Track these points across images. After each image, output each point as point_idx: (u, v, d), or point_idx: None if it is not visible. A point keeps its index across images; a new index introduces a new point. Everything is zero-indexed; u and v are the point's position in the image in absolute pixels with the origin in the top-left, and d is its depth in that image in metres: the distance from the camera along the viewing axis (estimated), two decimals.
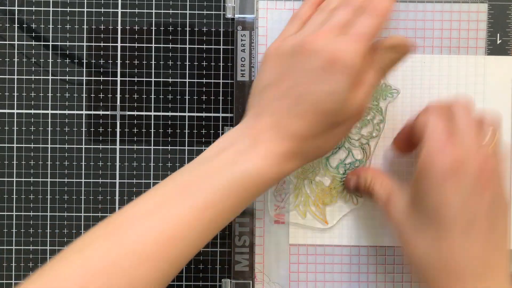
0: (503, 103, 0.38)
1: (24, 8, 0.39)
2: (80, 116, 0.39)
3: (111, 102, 0.39)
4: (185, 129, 0.39)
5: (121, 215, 0.28)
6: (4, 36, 0.39)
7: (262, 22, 0.38)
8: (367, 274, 0.38)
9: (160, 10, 0.39)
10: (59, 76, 0.39)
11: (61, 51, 0.39)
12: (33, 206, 0.39)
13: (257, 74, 0.34)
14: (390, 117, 0.38)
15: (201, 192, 0.29)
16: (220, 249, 0.39)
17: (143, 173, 0.39)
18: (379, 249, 0.38)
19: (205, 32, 0.39)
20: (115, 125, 0.39)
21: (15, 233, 0.39)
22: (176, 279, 0.39)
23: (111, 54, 0.39)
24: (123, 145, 0.39)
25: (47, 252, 0.39)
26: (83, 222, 0.39)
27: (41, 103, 0.39)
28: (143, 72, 0.39)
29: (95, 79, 0.39)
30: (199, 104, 0.39)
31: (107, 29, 0.39)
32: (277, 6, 0.38)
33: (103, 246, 0.27)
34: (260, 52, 0.38)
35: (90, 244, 0.27)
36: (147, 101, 0.39)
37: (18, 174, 0.39)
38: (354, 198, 0.38)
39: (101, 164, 0.39)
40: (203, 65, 0.39)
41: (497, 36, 0.38)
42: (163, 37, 0.39)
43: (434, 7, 0.38)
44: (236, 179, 0.29)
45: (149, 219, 0.28)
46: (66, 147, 0.39)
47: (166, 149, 0.39)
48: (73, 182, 0.39)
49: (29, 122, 0.39)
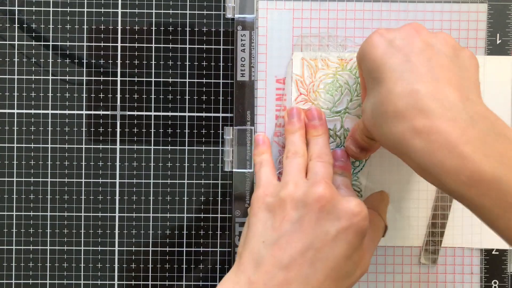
0: (502, 103, 0.38)
1: (24, 8, 0.39)
2: (80, 116, 0.39)
3: (111, 102, 0.39)
4: (185, 129, 0.39)
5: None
6: (4, 36, 0.39)
7: (262, 22, 0.38)
8: (367, 274, 0.38)
9: (160, 10, 0.39)
10: (59, 76, 0.39)
11: (61, 51, 0.39)
12: (33, 206, 0.39)
13: (248, 225, 0.33)
14: None
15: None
16: (220, 249, 0.39)
17: (143, 173, 0.39)
18: (379, 249, 0.38)
19: (205, 32, 0.39)
20: (115, 125, 0.39)
21: (15, 233, 0.39)
22: (176, 279, 0.39)
23: (111, 54, 0.39)
24: (123, 145, 0.39)
25: (47, 252, 0.39)
26: (83, 222, 0.39)
27: (41, 103, 0.39)
28: (143, 72, 0.39)
29: (95, 79, 0.39)
30: (199, 104, 0.39)
31: (107, 29, 0.39)
32: (277, 6, 0.38)
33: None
34: (260, 52, 0.38)
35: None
36: (147, 101, 0.39)
37: (18, 174, 0.39)
38: None
39: (101, 164, 0.39)
40: (203, 65, 0.39)
41: (497, 36, 0.38)
42: (163, 37, 0.39)
43: (434, 7, 0.38)
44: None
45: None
46: (66, 147, 0.39)
47: (166, 149, 0.39)
48: (73, 182, 0.39)
49: (29, 122, 0.39)
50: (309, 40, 0.38)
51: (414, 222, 0.38)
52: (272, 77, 0.38)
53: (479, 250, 0.39)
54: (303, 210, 0.30)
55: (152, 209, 0.39)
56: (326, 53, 0.38)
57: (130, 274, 0.39)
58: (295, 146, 0.35)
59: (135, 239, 0.39)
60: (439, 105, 0.26)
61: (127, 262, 0.39)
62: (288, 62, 0.38)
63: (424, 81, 0.27)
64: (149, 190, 0.39)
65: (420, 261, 0.38)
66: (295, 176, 0.33)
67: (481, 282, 0.38)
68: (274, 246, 0.30)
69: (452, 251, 0.39)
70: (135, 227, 0.39)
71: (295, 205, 0.31)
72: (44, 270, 0.39)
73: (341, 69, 0.38)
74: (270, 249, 0.30)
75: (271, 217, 0.31)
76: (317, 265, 0.29)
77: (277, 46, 0.38)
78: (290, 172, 0.33)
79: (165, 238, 0.39)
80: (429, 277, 0.38)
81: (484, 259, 0.38)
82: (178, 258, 0.39)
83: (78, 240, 0.39)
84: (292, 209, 0.30)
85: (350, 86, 0.37)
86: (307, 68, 0.38)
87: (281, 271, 0.29)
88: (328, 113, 0.37)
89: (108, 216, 0.39)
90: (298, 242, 0.29)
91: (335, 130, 0.37)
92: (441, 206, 0.38)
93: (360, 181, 0.38)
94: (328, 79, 0.38)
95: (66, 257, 0.39)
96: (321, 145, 0.35)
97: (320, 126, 0.36)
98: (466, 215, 0.38)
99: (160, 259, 0.39)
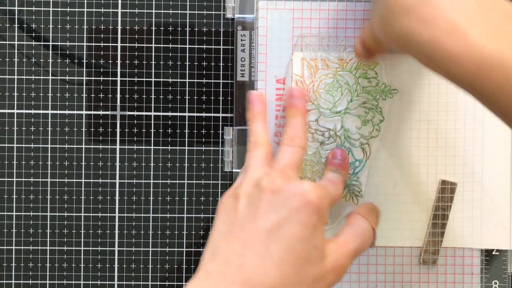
0: None
1: (24, 8, 0.39)
2: (80, 116, 0.39)
3: (111, 102, 0.39)
4: (185, 129, 0.39)
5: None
6: (4, 36, 0.39)
7: (262, 22, 0.38)
8: (367, 274, 0.38)
9: (160, 10, 0.39)
10: (59, 76, 0.39)
11: (61, 51, 0.39)
12: (33, 206, 0.39)
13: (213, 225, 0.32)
14: (390, 117, 0.38)
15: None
16: None
17: (143, 173, 0.39)
18: (379, 249, 0.38)
19: (205, 32, 0.39)
20: (115, 125, 0.39)
21: (15, 233, 0.39)
22: (176, 279, 0.39)
23: (111, 54, 0.39)
24: (123, 145, 0.39)
25: (47, 252, 0.39)
26: (83, 222, 0.39)
27: (41, 103, 0.39)
28: (143, 72, 0.39)
29: (95, 79, 0.39)
30: (199, 104, 0.39)
31: (107, 29, 0.39)
32: (277, 6, 0.38)
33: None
34: (260, 52, 0.38)
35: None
36: (147, 101, 0.39)
37: (18, 174, 0.39)
38: (354, 198, 0.38)
39: (101, 164, 0.39)
40: (203, 65, 0.39)
41: None
42: (163, 37, 0.39)
43: None
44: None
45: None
46: (66, 147, 0.39)
47: (166, 149, 0.39)
48: (73, 182, 0.39)
49: (29, 122, 0.39)
50: (309, 40, 0.38)
51: (414, 222, 0.38)
52: (272, 77, 0.38)
53: (480, 250, 0.38)
54: (255, 198, 0.30)
55: (152, 209, 0.39)
56: (326, 53, 0.38)
57: (130, 274, 0.39)
58: (255, 136, 0.35)
59: (135, 239, 0.39)
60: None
61: (127, 262, 0.39)
62: (288, 62, 0.38)
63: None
64: (149, 190, 0.39)
65: (420, 262, 0.38)
66: (253, 170, 0.33)
67: (481, 283, 0.38)
68: (228, 235, 0.30)
69: (452, 251, 0.38)
70: (135, 227, 0.39)
71: (248, 197, 0.31)
72: (44, 270, 0.39)
73: (341, 69, 0.38)
74: (225, 239, 0.30)
75: (227, 212, 0.31)
76: (272, 247, 0.28)
77: (277, 46, 0.38)
78: (249, 166, 0.33)
79: (165, 238, 0.39)
80: (429, 277, 0.38)
81: (485, 259, 0.38)
82: (178, 258, 0.39)
83: (78, 240, 0.39)
84: (245, 201, 0.30)
85: (350, 86, 0.37)
86: (307, 68, 0.38)
87: (236, 256, 0.28)
88: (328, 113, 0.37)
89: (108, 216, 0.39)
90: (251, 228, 0.29)
91: (335, 130, 0.37)
92: (441, 207, 0.38)
93: (360, 181, 0.38)
94: (328, 79, 0.37)
95: (66, 257, 0.39)
96: (296, 126, 0.35)
97: (299, 106, 0.36)
98: (466, 216, 0.38)
99: (160, 259, 0.39)
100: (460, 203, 0.38)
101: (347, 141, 0.38)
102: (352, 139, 0.38)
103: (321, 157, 0.37)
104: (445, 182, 0.38)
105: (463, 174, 0.38)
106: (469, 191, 0.38)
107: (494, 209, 0.38)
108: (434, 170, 0.38)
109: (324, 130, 0.37)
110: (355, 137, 0.38)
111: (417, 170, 0.38)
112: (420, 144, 0.38)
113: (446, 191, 0.38)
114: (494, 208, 0.38)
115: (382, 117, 0.38)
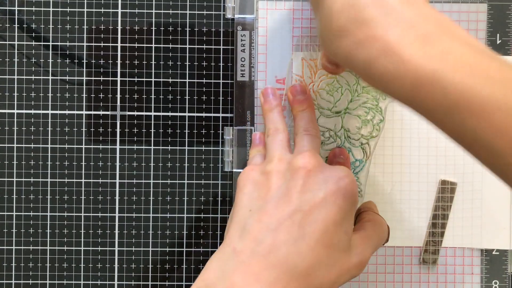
0: None
1: (24, 8, 0.39)
2: (80, 116, 0.39)
3: (111, 102, 0.39)
4: (185, 129, 0.39)
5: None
6: (4, 36, 0.39)
7: (262, 22, 0.38)
8: (367, 274, 0.38)
9: (160, 10, 0.39)
10: (59, 76, 0.39)
11: (61, 51, 0.39)
12: (33, 206, 0.39)
13: (235, 201, 0.32)
14: (390, 117, 0.38)
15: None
16: None
17: (143, 173, 0.39)
18: (379, 249, 0.38)
19: (205, 32, 0.39)
20: (115, 125, 0.39)
21: (15, 233, 0.39)
22: (176, 279, 0.39)
23: (111, 54, 0.39)
24: (123, 145, 0.39)
25: (47, 252, 0.39)
26: (83, 222, 0.39)
27: (41, 103, 0.39)
28: (143, 72, 0.39)
29: (95, 79, 0.39)
30: (199, 104, 0.39)
31: (107, 29, 0.39)
32: (277, 6, 0.38)
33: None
34: (260, 52, 0.38)
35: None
36: (147, 101, 0.39)
37: (18, 174, 0.39)
38: None
39: (101, 164, 0.39)
40: (203, 65, 0.39)
41: (497, 36, 0.38)
42: (163, 37, 0.39)
43: (434, 7, 0.38)
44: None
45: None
46: (66, 147, 0.39)
47: (166, 149, 0.39)
48: (73, 182, 0.39)
49: (29, 122, 0.39)
50: (309, 40, 0.38)
51: (415, 222, 0.38)
52: (272, 77, 0.38)
53: (480, 250, 0.38)
54: (289, 177, 0.30)
55: (152, 209, 0.39)
56: None
57: (130, 274, 0.39)
58: (275, 123, 0.35)
59: (135, 239, 0.39)
60: (378, 13, 0.26)
61: (127, 262, 0.39)
62: (288, 62, 0.38)
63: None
64: (149, 190, 0.39)
65: (420, 262, 0.38)
66: (278, 151, 0.33)
67: (481, 283, 0.38)
68: (260, 212, 0.29)
69: (452, 251, 0.38)
70: (135, 227, 0.39)
71: (281, 175, 0.31)
72: (44, 270, 0.39)
73: None
74: (256, 215, 0.29)
75: (257, 189, 0.31)
76: (306, 228, 0.28)
77: (277, 46, 0.38)
78: (274, 148, 0.33)
79: (165, 238, 0.39)
80: (429, 277, 0.38)
81: (485, 259, 0.38)
82: (178, 258, 0.39)
83: (78, 240, 0.39)
84: (278, 179, 0.30)
85: (350, 86, 0.37)
86: (307, 68, 0.38)
87: (269, 235, 0.28)
88: (328, 113, 0.37)
89: (108, 216, 0.39)
90: (286, 207, 0.29)
91: (335, 130, 0.37)
92: (441, 206, 0.38)
93: (360, 181, 0.38)
94: (328, 79, 0.37)
95: (66, 257, 0.39)
96: (307, 119, 0.35)
97: (305, 100, 0.36)
98: (466, 216, 0.38)
99: (160, 259, 0.39)
100: (460, 203, 0.38)
101: (347, 141, 0.38)
102: (352, 139, 0.38)
103: (321, 157, 0.37)
104: (445, 182, 0.38)
105: (463, 174, 0.38)
106: (469, 191, 0.38)
107: (494, 209, 0.38)
108: (434, 170, 0.38)
109: (324, 130, 0.38)
110: (355, 137, 0.38)
111: (417, 170, 0.38)
112: (420, 144, 0.38)
113: (446, 191, 0.38)
114: (494, 208, 0.38)
115: (382, 117, 0.38)
